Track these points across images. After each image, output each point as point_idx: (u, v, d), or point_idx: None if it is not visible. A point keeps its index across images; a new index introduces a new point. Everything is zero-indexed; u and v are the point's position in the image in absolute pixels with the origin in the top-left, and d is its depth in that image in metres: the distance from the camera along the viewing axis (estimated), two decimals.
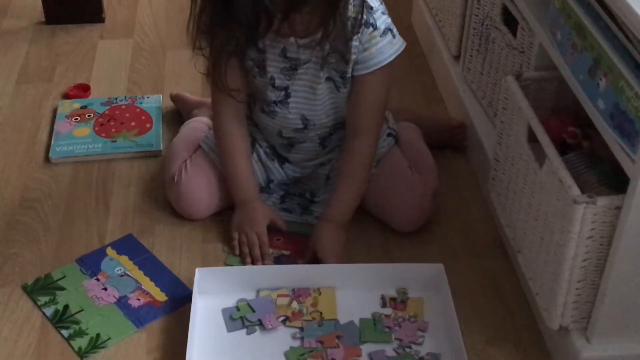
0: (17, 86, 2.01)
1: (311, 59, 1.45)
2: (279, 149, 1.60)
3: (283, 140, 1.57)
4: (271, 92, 1.49)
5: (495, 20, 1.65)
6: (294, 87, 1.48)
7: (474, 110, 1.77)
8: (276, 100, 1.50)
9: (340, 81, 1.47)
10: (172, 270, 1.49)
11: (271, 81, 1.47)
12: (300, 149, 1.58)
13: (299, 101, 1.50)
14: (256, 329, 1.37)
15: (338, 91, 1.49)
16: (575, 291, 1.23)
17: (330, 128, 1.56)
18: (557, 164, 1.21)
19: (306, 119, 1.52)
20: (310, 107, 1.50)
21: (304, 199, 1.61)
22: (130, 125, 1.86)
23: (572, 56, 1.24)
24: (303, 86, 1.48)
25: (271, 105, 1.51)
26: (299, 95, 1.49)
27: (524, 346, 1.37)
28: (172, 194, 1.59)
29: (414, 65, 2.11)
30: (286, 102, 1.50)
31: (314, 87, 1.47)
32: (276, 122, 1.54)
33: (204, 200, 1.57)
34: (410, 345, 1.35)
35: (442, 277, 1.42)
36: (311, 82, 1.47)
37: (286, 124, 1.54)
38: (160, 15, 2.34)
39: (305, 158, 1.60)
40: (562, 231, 1.20)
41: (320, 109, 1.51)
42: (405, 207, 1.54)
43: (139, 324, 1.39)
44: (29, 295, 1.44)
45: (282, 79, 1.47)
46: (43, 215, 1.61)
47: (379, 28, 1.43)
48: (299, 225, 1.58)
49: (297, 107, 1.51)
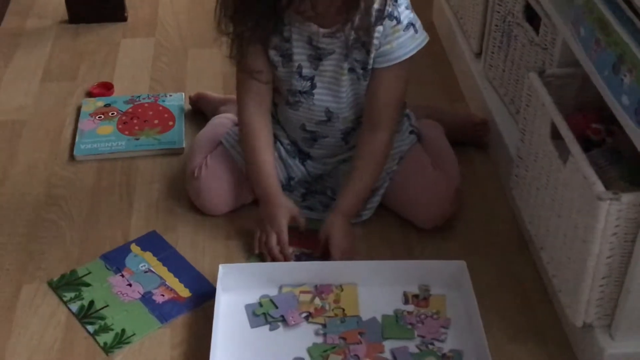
0: (42, 85, 2.03)
1: (335, 50, 1.45)
2: (302, 143, 1.61)
3: (306, 134, 1.58)
4: (297, 82, 1.49)
5: (518, 17, 1.64)
6: (319, 77, 1.49)
7: (496, 107, 1.77)
8: (301, 91, 1.50)
9: (361, 73, 1.48)
10: (195, 266, 1.50)
11: (298, 69, 1.48)
12: (323, 143, 1.59)
13: (324, 92, 1.51)
14: (279, 325, 1.38)
15: (359, 82, 1.49)
16: (599, 288, 1.23)
17: (353, 123, 1.56)
18: (581, 160, 1.21)
19: (330, 111, 1.52)
20: (334, 98, 1.51)
21: (326, 196, 1.61)
22: (153, 123, 1.87)
23: (596, 52, 1.24)
24: (328, 77, 1.49)
25: (296, 96, 1.52)
26: (323, 86, 1.50)
27: (547, 343, 1.37)
28: (191, 189, 1.60)
29: (435, 62, 2.11)
30: (311, 93, 1.50)
31: (338, 79, 1.48)
32: (300, 114, 1.54)
33: (222, 196, 1.58)
34: (432, 342, 1.35)
35: (464, 273, 1.42)
36: (335, 73, 1.48)
37: (310, 116, 1.54)
38: (181, 14, 2.36)
39: (327, 154, 1.61)
40: (585, 228, 1.19)
41: (344, 101, 1.52)
42: (427, 203, 1.54)
43: (163, 320, 1.40)
44: (55, 291, 1.45)
45: (309, 68, 1.48)
46: (68, 212, 1.63)
47: (402, 22, 1.44)
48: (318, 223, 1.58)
49: (321, 99, 1.51)
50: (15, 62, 2.11)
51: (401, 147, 1.58)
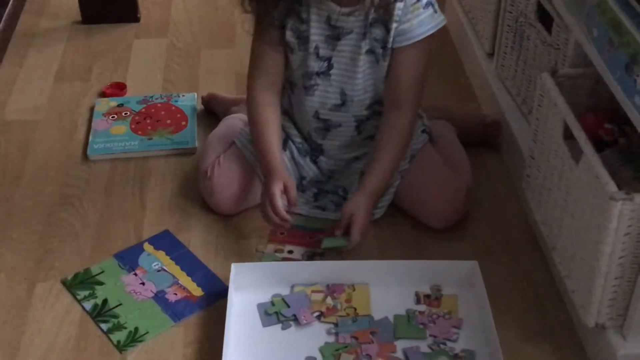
0: (55, 85, 2.04)
1: (354, 30, 1.46)
2: (314, 135, 1.60)
3: (319, 123, 1.58)
4: (314, 62, 1.50)
5: (530, 17, 1.64)
6: (336, 58, 1.50)
7: (508, 108, 1.77)
8: (319, 72, 1.51)
9: (380, 53, 1.48)
10: (208, 265, 1.51)
11: (315, 50, 1.49)
12: (336, 134, 1.59)
13: (341, 74, 1.51)
14: (291, 324, 1.39)
15: (378, 64, 1.50)
16: (611, 288, 1.23)
17: (367, 110, 1.56)
18: (593, 160, 1.21)
19: (345, 93, 1.53)
20: (350, 79, 1.51)
21: (337, 196, 1.62)
22: (165, 123, 1.88)
23: (609, 53, 1.24)
24: (345, 57, 1.49)
25: (312, 78, 1.52)
26: (341, 67, 1.50)
27: (559, 343, 1.37)
28: (204, 188, 1.61)
29: (447, 62, 2.11)
30: (328, 74, 1.51)
31: (355, 59, 1.49)
32: (315, 99, 1.54)
33: (235, 195, 1.58)
34: (444, 342, 1.35)
35: (476, 274, 1.43)
36: (353, 53, 1.49)
37: (325, 101, 1.54)
38: (194, 14, 2.36)
39: (340, 146, 1.60)
40: (598, 228, 1.19)
41: (360, 84, 1.52)
42: (438, 203, 1.55)
43: (176, 318, 1.41)
44: (69, 289, 1.46)
45: (326, 49, 1.49)
46: (82, 211, 1.64)
47: (422, 0, 1.45)
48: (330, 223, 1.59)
49: (337, 80, 1.52)
50: (29, 63, 2.13)
51: (413, 146, 1.59)
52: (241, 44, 2.19)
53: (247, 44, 1.63)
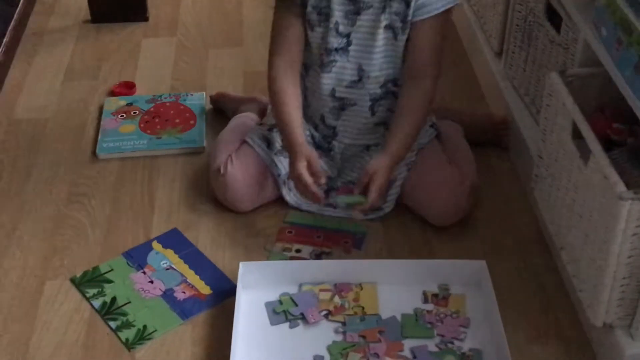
0: (64, 84, 2.05)
1: (373, 4, 1.49)
2: (329, 117, 1.61)
3: (335, 102, 1.59)
4: (334, 38, 1.53)
5: (539, 16, 1.64)
6: (355, 34, 1.52)
7: (516, 107, 1.76)
8: (337, 48, 1.53)
9: (399, 27, 1.50)
10: (216, 264, 1.52)
11: (335, 26, 1.51)
12: (351, 113, 1.60)
13: (359, 49, 1.53)
14: (299, 323, 1.39)
15: (396, 39, 1.52)
16: (619, 288, 1.23)
17: (381, 89, 1.57)
18: (602, 160, 1.21)
19: (362, 69, 1.55)
20: (368, 55, 1.53)
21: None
22: (174, 122, 1.89)
23: (618, 52, 1.24)
24: (364, 33, 1.52)
25: (331, 54, 1.54)
26: (359, 42, 1.53)
27: (567, 343, 1.37)
28: (218, 185, 1.61)
29: (455, 62, 2.11)
30: (347, 50, 1.53)
31: (374, 34, 1.51)
32: (332, 76, 1.56)
33: (249, 191, 1.59)
34: (452, 341, 1.36)
35: (484, 273, 1.43)
36: (371, 28, 1.51)
37: (342, 77, 1.56)
38: (202, 14, 2.37)
39: (353, 129, 1.61)
40: (606, 228, 1.19)
41: (377, 59, 1.54)
42: (441, 199, 1.55)
43: (185, 316, 1.41)
44: (78, 287, 1.47)
45: (346, 25, 1.51)
46: (90, 210, 1.65)
47: None
48: (338, 222, 1.60)
49: (355, 56, 1.54)
50: (39, 62, 2.14)
51: (421, 139, 1.60)
52: (250, 44, 2.20)
53: (256, 43, 1.64)
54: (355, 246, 1.55)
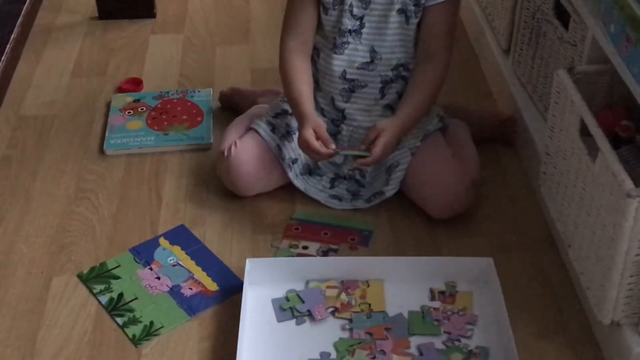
0: (72, 80, 2.05)
1: None
2: (338, 98, 1.62)
3: (345, 84, 1.60)
4: (348, 20, 1.55)
5: (547, 14, 1.63)
6: (368, 17, 1.55)
7: (524, 104, 1.76)
8: (351, 29, 1.56)
9: (412, 10, 1.53)
10: (223, 260, 1.52)
11: (350, 8, 1.54)
12: (361, 95, 1.61)
13: (371, 32, 1.56)
14: (305, 320, 1.39)
15: (407, 24, 1.55)
16: (627, 286, 1.22)
17: (392, 72, 1.59)
18: (610, 157, 1.20)
19: (374, 51, 1.57)
20: (380, 37, 1.56)
21: (353, 181, 1.62)
22: (181, 118, 1.89)
23: (626, 49, 1.23)
24: (377, 16, 1.55)
25: (345, 36, 1.57)
26: (372, 25, 1.56)
27: (574, 341, 1.36)
28: (222, 168, 1.63)
29: (463, 59, 2.10)
30: (360, 32, 1.56)
31: (387, 16, 1.54)
32: (344, 57, 1.58)
33: (251, 174, 1.60)
34: (459, 339, 1.35)
35: (491, 270, 1.42)
36: (385, 11, 1.54)
37: (354, 59, 1.58)
38: (210, 10, 2.37)
39: (362, 111, 1.62)
40: (614, 225, 1.19)
41: (389, 41, 1.57)
42: (440, 191, 1.55)
43: (191, 313, 1.41)
44: (85, 283, 1.47)
45: (360, 7, 1.54)
46: (98, 206, 1.65)
47: None
48: (343, 220, 1.59)
49: (368, 38, 1.57)
50: (46, 58, 2.14)
51: (427, 126, 1.61)
52: (257, 41, 2.20)
53: (263, 40, 1.64)
54: (362, 243, 1.55)
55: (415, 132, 1.60)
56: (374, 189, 1.61)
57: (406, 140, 1.59)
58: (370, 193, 1.61)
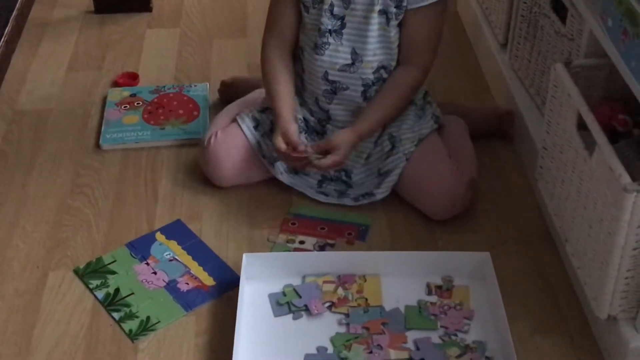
0: (68, 74, 2.05)
1: None
2: (322, 99, 1.61)
3: (327, 85, 1.59)
4: (328, 20, 1.53)
5: (544, 7, 1.63)
6: (349, 17, 1.53)
7: (521, 98, 1.76)
8: (331, 29, 1.54)
9: (393, 12, 1.51)
10: (219, 255, 1.51)
11: (330, 7, 1.53)
12: (343, 97, 1.60)
13: (353, 33, 1.54)
14: (302, 314, 1.39)
15: (388, 25, 1.52)
16: (624, 280, 1.22)
17: (374, 75, 1.57)
18: (607, 151, 1.20)
19: (355, 52, 1.55)
20: (361, 38, 1.54)
21: (340, 182, 1.62)
22: (178, 113, 1.88)
23: (624, 43, 1.23)
24: (358, 16, 1.53)
25: (325, 36, 1.55)
26: (353, 25, 1.54)
27: (571, 335, 1.36)
28: (201, 157, 1.64)
29: (460, 53, 2.10)
30: (340, 33, 1.54)
31: (368, 17, 1.52)
32: (325, 59, 1.57)
33: (228, 167, 1.61)
34: (456, 333, 1.35)
35: (488, 265, 1.42)
36: (366, 12, 1.52)
37: (335, 60, 1.56)
38: (206, 4, 2.36)
39: (346, 112, 1.61)
40: (611, 219, 1.19)
41: (371, 43, 1.54)
42: (437, 193, 1.54)
43: (188, 308, 1.41)
44: (81, 278, 1.47)
45: (340, 7, 1.53)
46: (94, 201, 1.65)
47: None
48: (340, 214, 1.59)
49: (349, 39, 1.55)
50: (42, 52, 2.13)
51: (422, 130, 1.59)
52: (254, 34, 2.19)
53: (260, 34, 1.63)
54: (359, 238, 1.55)
55: (410, 136, 1.58)
56: (364, 189, 1.60)
57: (401, 145, 1.58)
58: (358, 193, 1.60)
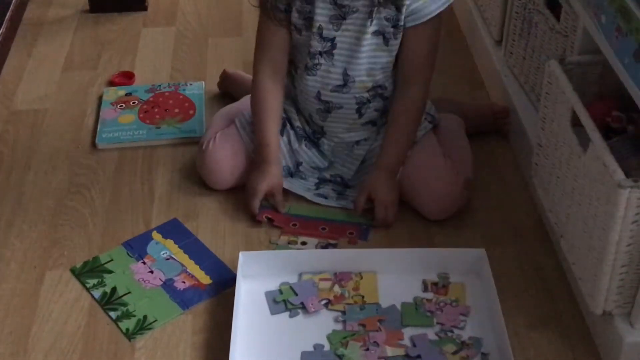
0: (63, 74, 2.05)
1: (359, 8, 1.47)
2: (316, 117, 1.61)
3: (320, 104, 1.58)
4: (318, 43, 1.52)
5: (538, 4, 1.63)
6: (340, 38, 1.51)
7: (516, 95, 1.76)
8: (322, 51, 1.52)
9: (391, 32, 1.49)
10: (216, 253, 1.52)
11: (319, 31, 1.50)
12: (337, 115, 1.59)
13: (344, 53, 1.52)
14: (299, 312, 1.39)
15: (387, 45, 1.51)
16: (619, 276, 1.23)
17: (368, 93, 1.56)
18: (601, 148, 1.20)
19: (347, 74, 1.53)
20: (353, 59, 1.52)
21: (338, 184, 1.62)
22: (173, 111, 1.88)
23: (617, 40, 1.23)
24: (349, 37, 1.51)
25: (315, 58, 1.53)
26: (344, 47, 1.52)
27: (567, 331, 1.37)
28: (199, 161, 1.64)
29: (455, 50, 2.10)
30: (331, 54, 1.52)
31: (360, 39, 1.50)
32: (317, 79, 1.55)
33: (225, 171, 1.61)
34: (452, 330, 1.36)
35: (484, 261, 1.43)
36: (357, 32, 1.50)
37: (327, 81, 1.55)
38: (202, 3, 2.36)
39: (341, 128, 1.61)
40: (606, 216, 1.19)
41: (363, 64, 1.53)
42: (433, 193, 1.54)
43: (185, 306, 1.41)
44: (78, 277, 1.47)
45: (330, 29, 1.50)
46: (90, 200, 1.65)
47: None
48: (341, 214, 1.59)
49: (340, 60, 1.53)
50: (38, 52, 2.13)
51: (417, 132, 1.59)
52: (249, 33, 2.19)
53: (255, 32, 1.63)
54: (360, 237, 1.55)
55: None
56: None
57: None
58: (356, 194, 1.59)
